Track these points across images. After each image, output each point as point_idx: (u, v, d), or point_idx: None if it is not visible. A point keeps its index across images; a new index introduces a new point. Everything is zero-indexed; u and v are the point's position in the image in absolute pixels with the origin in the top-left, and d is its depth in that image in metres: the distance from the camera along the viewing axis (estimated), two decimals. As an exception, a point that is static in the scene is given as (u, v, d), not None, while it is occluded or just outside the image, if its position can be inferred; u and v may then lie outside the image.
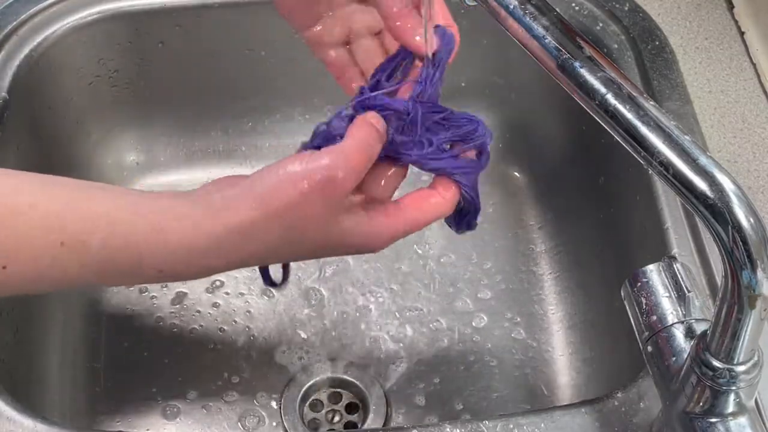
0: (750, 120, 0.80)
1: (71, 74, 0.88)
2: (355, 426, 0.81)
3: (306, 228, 0.52)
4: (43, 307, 0.80)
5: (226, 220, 0.50)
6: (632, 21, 0.86)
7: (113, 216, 0.49)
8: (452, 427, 0.62)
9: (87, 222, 0.48)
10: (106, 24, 0.87)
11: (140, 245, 0.49)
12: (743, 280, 0.44)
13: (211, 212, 0.50)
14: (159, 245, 0.49)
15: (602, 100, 0.47)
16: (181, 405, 0.81)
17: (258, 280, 0.88)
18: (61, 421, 0.72)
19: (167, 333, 0.86)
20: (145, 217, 0.49)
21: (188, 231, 0.50)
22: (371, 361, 0.84)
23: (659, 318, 0.55)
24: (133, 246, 0.49)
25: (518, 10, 0.50)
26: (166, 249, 0.49)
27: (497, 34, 0.53)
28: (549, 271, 0.90)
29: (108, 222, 0.48)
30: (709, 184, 0.44)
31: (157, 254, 0.49)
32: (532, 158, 0.95)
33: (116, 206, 0.49)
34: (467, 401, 0.82)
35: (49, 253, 0.47)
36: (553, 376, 0.84)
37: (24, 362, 0.75)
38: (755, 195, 0.75)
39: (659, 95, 0.80)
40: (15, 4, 0.86)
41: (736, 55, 0.85)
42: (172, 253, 0.50)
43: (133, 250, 0.49)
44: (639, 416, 0.62)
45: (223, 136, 0.96)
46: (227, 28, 0.90)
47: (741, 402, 0.51)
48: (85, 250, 0.48)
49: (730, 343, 0.48)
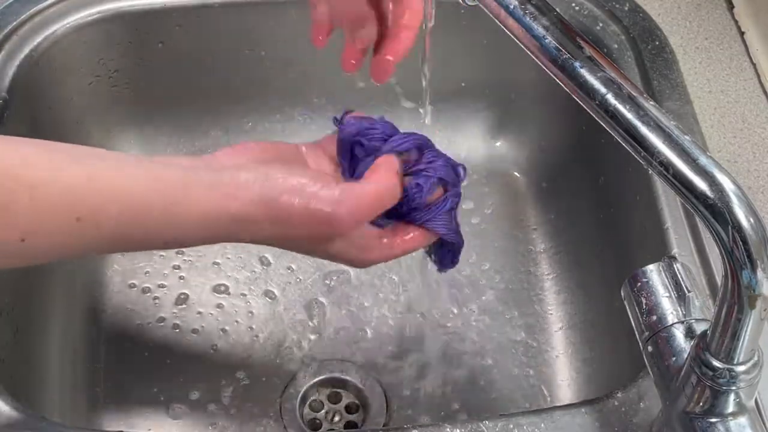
0: (750, 120, 0.80)
1: (71, 74, 0.88)
2: (355, 426, 0.81)
3: (295, 238, 0.54)
4: (43, 307, 0.80)
5: (230, 207, 0.52)
6: (632, 21, 0.86)
7: (129, 191, 0.50)
8: (452, 427, 0.62)
9: (104, 198, 0.49)
10: (106, 24, 0.87)
11: (152, 220, 0.51)
12: (743, 280, 0.44)
13: (218, 195, 0.52)
14: (170, 220, 0.51)
15: (602, 100, 0.47)
16: (182, 405, 0.81)
17: (259, 280, 0.89)
18: (61, 421, 0.72)
19: (168, 333, 0.85)
20: (160, 192, 0.51)
21: (196, 209, 0.51)
22: (371, 361, 0.84)
23: (659, 318, 0.55)
24: (145, 221, 0.51)
25: (518, 10, 0.50)
26: (175, 224, 0.51)
27: (497, 34, 0.53)
28: (549, 271, 0.90)
29: (124, 197, 0.50)
30: (709, 184, 0.44)
31: (167, 228, 0.51)
32: (532, 158, 0.95)
33: (133, 180, 0.50)
34: (467, 401, 0.82)
35: (66, 227, 0.48)
36: (553, 376, 0.84)
37: (24, 362, 0.74)
38: (755, 195, 0.75)
39: (659, 95, 0.80)
40: (15, 4, 0.85)
41: (736, 55, 0.85)
42: (180, 227, 0.52)
43: (145, 224, 0.51)
44: (639, 416, 0.62)
45: (223, 136, 0.96)
46: (227, 28, 0.90)
47: (741, 402, 0.51)
48: (100, 226, 0.49)
49: (730, 343, 0.48)
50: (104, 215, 0.49)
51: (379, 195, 0.55)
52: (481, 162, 0.96)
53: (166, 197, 0.51)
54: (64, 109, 0.89)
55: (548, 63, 0.50)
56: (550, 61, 0.49)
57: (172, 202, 0.51)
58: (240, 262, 0.90)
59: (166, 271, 0.89)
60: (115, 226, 0.50)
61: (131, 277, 0.88)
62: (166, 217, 0.51)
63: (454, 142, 0.96)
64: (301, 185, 0.53)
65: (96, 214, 0.49)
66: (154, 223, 0.51)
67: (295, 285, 0.88)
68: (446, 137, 0.96)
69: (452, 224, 0.60)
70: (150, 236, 0.52)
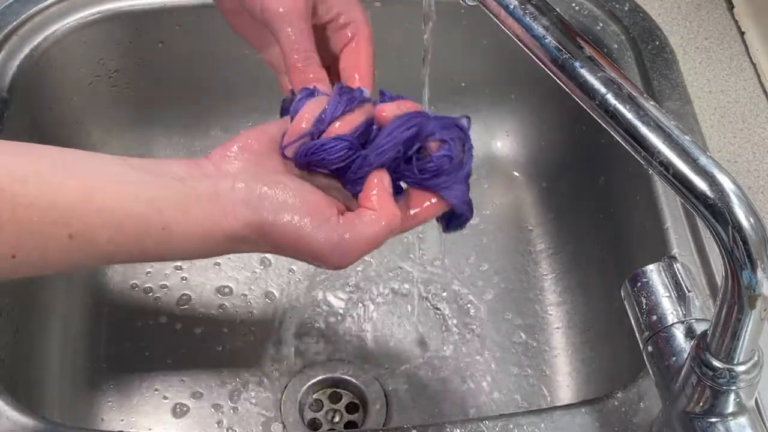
0: (750, 120, 0.80)
1: (71, 74, 0.88)
2: (355, 426, 0.81)
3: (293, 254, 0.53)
4: (43, 307, 0.80)
5: (230, 227, 0.51)
6: (632, 21, 0.86)
7: (122, 209, 0.49)
8: (452, 427, 0.62)
9: (100, 218, 0.48)
10: (106, 24, 0.87)
11: (147, 240, 0.50)
12: (743, 280, 0.44)
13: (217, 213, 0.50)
14: (168, 239, 0.50)
15: (602, 100, 0.47)
16: (183, 405, 0.81)
17: (259, 280, 0.89)
18: (61, 421, 0.72)
19: (169, 333, 0.86)
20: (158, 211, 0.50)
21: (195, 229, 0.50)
22: (371, 361, 0.84)
23: (659, 318, 0.55)
24: (139, 240, 0.49)
25: (518, 10, 0.50)
26: (170, 243, 0.50)
27: (497, 34, 0.53)
28: (549, 271, 0.90)
29: (117, 217, 0.49)
30: (709, 184, 0.44)
31: (160, 246, 0.50)
32: (532, 158, 0.95)
33: (131, 198, 0.49)
34: (467, 401, 0.82)
35: (58, 244, 0.47)
36: (553, 376, 0.84)
37: (24, 362, 0.74)
38: (755, 195, 0.75)
39: (659, 95, 0.80)
40: (15, 4, 0.86)
41: (736, 55, 0.85)
42: (178, 245, 0.50)
43: (142, 243, 0.50)
44: (639, 416, 0.62)
45: (223, 136, 0.96)
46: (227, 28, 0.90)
47: (741, 402, 0.51)
48: (92, 244, 0.48)
49: (730, 343, 0.48)
50: (99, 234, 0.48)
51: (377, 239, 0.52)
52: (481, 162, 0.96)
53: (164, 216, 0.49)
54: (64, 109, 0.89)
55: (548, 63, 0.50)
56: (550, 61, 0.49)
57: (171, 221, 0.50)
58: (241, 262, 0.90)
59: (168, 271, 0.89)
60: (110, 244, 0.49)
61: (132, 278, 0.88)
62: (164, 236, 0.50)
63: (454, 142, 0.96)
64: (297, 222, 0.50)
65: (90, 232, 0.48)
66: (153, 242, 0.50)
67: (295, 285, 0.88)
68: (446, 137, 0.96)
69: (467, 193, 0.56)
70: (147, 254, 0.51)
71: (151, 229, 0.49)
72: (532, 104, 0.94)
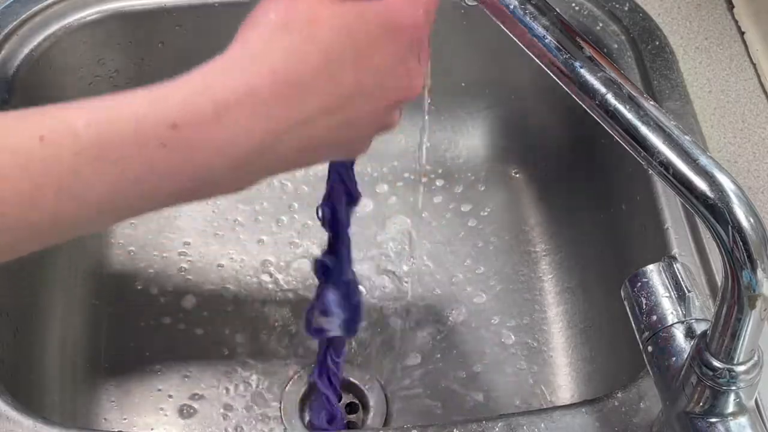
0: (750, 120, 0.80)
1: (71, 74, 0.88)
2: (355, 426, 0.81)
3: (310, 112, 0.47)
4: (43, 307, 0.80)
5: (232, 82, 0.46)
6: (632, 21, 0.86)
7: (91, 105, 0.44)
8: (452, 427, 0.62)
9: (64, 117, 0.44)
10: (106, 24, 0.87)
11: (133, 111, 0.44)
12: (743, 280, 0.44)
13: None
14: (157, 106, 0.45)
15: (602, 100, 0.47)
16: (184, 405, 0.81)
17: (261, 281, 0.89)
18: (61, 421, 0.72)
19: (169, 333, 0.86)
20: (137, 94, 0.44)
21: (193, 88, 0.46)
22: (371, 361, 0.84)
23: (659, 318, 0.55)
24: (124, 114, 0.44)
25: (518, 10, 0.50)
26: (164, 112, 0.44)
27: (497, 34, 0.53)
28: (549, 272, 0.90)
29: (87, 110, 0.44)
30: (709, 184, 0.44)
31: (155, 116, 0.44)
32: (532, 158, 0.95)
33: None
34: (467, 401, 0.82)
35: (32, 151, 0.42)
36: (553, 376, 0.84)
37: (24, 362, 0.74)
38: (755, 195, 0.75)
39: (659, 95, 0.80)
40: (15, 4, 0.85)
41: (736, 55, 0.85)
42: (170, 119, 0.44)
43: (125, 118, 0.44)
44: (639, 416, 0.62)
45: (223, 136, 0.96)
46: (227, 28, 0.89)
47: (741, 402, 0.51)
48: (70, 136, 0.43)
49: (730, 343, 0.48)
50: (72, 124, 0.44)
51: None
52: (481, 162, 0.96)
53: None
54: (64, 109, 0.89)
55: (548, 63, 0.50)
56: (550, 61, 0.49)
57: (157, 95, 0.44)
58: (242, 263, 0.90)
59: (169, 271, 0.89)
60: (87, 128, 0.44)
61: (133, 277, 0.88)
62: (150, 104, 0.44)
63: (454, 142, 0.96)
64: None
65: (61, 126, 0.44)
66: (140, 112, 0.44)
67: (295, 288, 0.88)
68: (446, 137, 0.96)
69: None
70: (138, 132, 0.44)
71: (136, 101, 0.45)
72: (531, 104, 0.94)
